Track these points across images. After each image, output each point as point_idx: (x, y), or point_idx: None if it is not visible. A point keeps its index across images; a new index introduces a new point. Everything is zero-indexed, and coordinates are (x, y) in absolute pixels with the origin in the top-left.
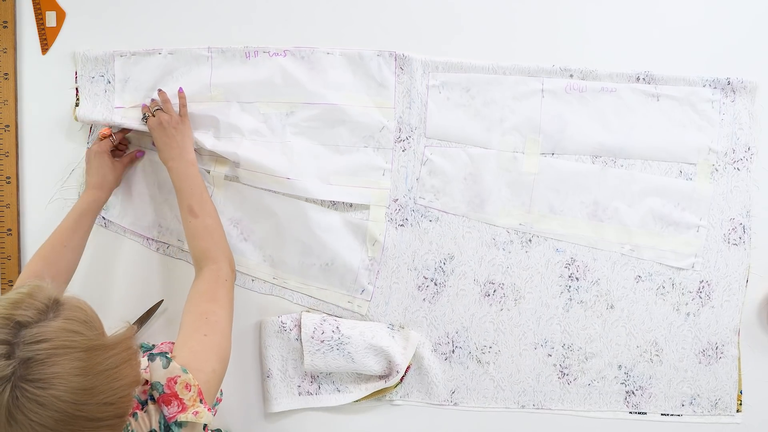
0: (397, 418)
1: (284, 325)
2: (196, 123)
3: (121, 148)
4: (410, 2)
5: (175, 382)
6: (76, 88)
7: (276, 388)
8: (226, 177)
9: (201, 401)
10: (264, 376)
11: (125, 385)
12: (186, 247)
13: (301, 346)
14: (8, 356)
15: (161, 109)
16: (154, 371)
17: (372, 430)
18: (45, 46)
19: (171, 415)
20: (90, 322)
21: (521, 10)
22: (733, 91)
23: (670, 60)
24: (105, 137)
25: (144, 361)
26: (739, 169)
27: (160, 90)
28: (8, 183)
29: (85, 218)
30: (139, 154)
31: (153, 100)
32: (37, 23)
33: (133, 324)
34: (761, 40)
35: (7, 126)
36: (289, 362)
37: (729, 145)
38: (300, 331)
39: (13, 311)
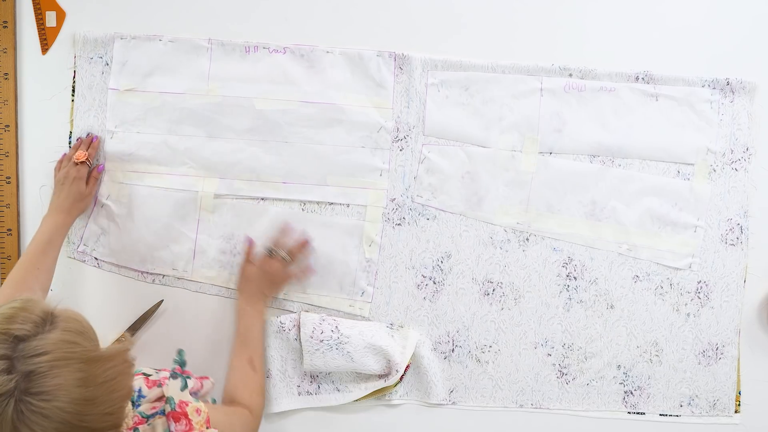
0: (396, 417)
1: (283, 326)
2: (192, 121)
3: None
4: (410, 1)
5: (187, 405)
6: (74, 71)
7: (275, 389)
8: (216, 196)
9: (207, 428)
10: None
11: (123, 395)
12: (181, 274)
13: (300, 345)
14: (9, 371)
15: (272, 253)
16: (171, 387)
17: (371, 430)
18: (45, 46)
19: None
20: (86, 332)
21: (521, 9)
22: (732, 92)
23: (669, 60)
24: (81, 162)
25: (164, 374)
26: (737, 170)
27: (250, 239)
28: (8, 183)
29: (55, 241)
30: (100, 169)
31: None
32: (37, 23)
33: (133, 325)
34: (760, 41)
35: (7, 126)
36: (289, 362)
37: (727, 146)
38: (299, 331)
39: (8, 326)
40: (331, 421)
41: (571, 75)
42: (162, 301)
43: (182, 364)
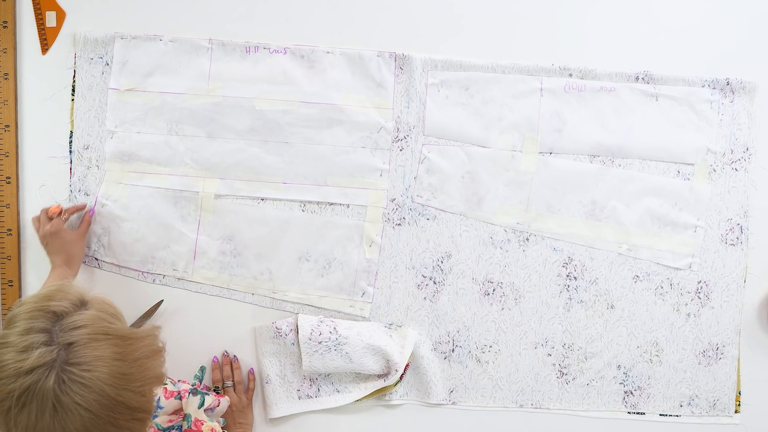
0: (396, 417)
1: (279, 331)
2: (192, 121)
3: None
4: (410, 2)
5: (202, 423)
6: (74, 71)
7: (275, 394)
8: (217, 196)
9: None
10: (263, 382)
11: (154, 377)
12: (182, 274)
13: (299, 348)
14: (49, 343)
15: (231, 387)
16: (190, 404)
17: (371, 430)
18: (45, 46)
19: None
20: (118, 315)
21: (521, 9)
22: (732, 92)
23: (669, 60)
24: (55, 215)
25: (185, 385)
26: (737, 170)
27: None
28: (8, 183)
29: None
30: (91, 213)
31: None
32: (37, 23)
33: (133, 325)
34: (761, 41)
35: (7, 126)
36: (287, 366)
37: (727, 146)
38: (297, 334)
39: (47, 303)
40: (331, 421)
41: (571, 75)
42: (162, 301)
43: (202, 381)
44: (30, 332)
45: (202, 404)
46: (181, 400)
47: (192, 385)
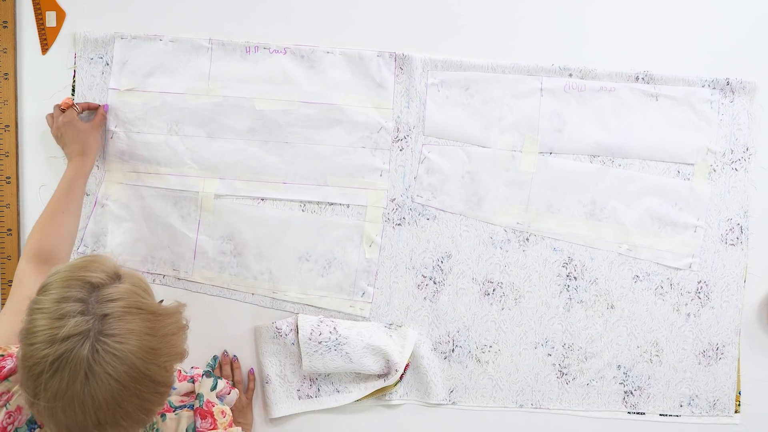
0: (396, 417)
1: (279, 330)
2: (192, 121)
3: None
4: (410, 2)
5: (213, 405)
6: (74, 71)
7: (275, 394)
8: (216, 196)
9: (230, 428)
10: (263, 382)
11: (178, 353)
12: (182, 274)
13: (299, 348)
14: (84, 313)
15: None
16: (203, 385)
17: (371, 430)
18: (45, 46)
19: (201, 429)
20: (149, 291)
21: (521, 9)
22: (732, 92)
23: (669, 60)
24: (68, 107)
25: (198, 371)
26: (737, 170)
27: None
28: (8, 183)
29: (77, 184)
30: (105, 108)
31: None
32: (37, 23)
33: None
34: (761, 41)
35: (7, 126)
36: (287, 366)
37: (727, 146)
38: (297, 334)
39: (83, 273)
40: (331, 421)
41: (571, 75)
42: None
43: (214, 369)
44: (66, 300)
45: (214, 387)
46: (193, 383)
47: (205, 370)
